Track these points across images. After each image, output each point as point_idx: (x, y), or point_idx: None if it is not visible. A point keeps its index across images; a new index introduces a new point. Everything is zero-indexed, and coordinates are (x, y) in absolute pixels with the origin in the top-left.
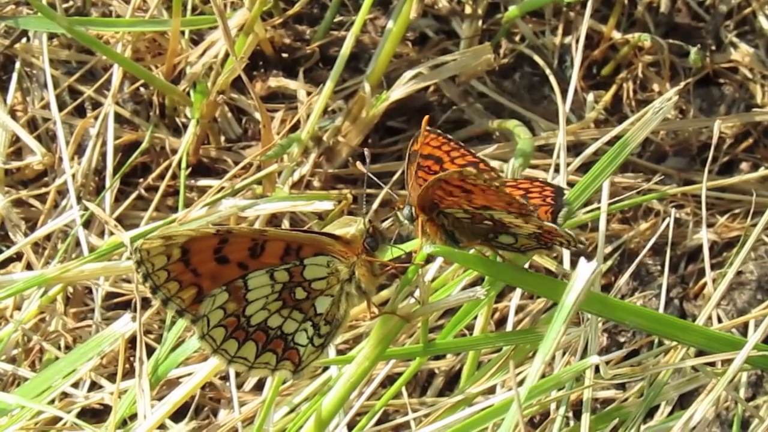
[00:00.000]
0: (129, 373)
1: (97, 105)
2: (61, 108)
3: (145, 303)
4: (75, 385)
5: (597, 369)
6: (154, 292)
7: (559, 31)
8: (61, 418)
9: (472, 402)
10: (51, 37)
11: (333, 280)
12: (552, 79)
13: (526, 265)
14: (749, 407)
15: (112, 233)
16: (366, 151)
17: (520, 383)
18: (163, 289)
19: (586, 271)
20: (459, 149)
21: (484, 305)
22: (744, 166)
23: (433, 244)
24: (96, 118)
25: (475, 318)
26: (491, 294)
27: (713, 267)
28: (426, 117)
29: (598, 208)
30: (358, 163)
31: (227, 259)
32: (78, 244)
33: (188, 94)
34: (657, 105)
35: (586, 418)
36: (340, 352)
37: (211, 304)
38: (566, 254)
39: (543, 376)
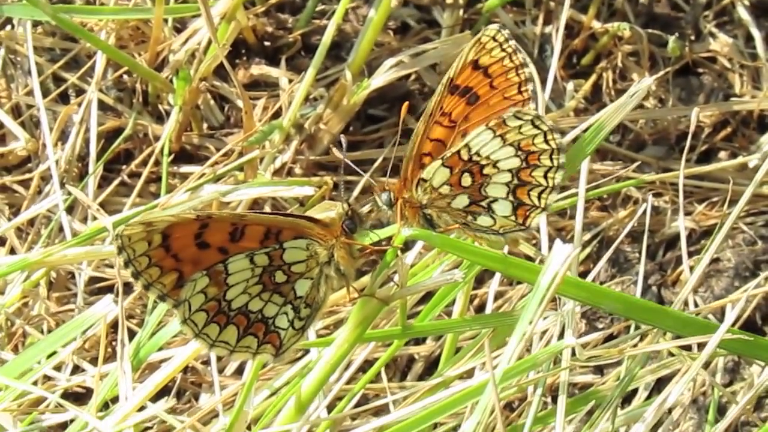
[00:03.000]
0: (111, 357)
1: (80, 92)
2: (44, 95)
3: (128, 288)
4: (57, 369)
5: (574, 352)
6: (136, 277)
7: (540, 20)
8: (43, 401)
9: (450, 385)
10: (35, 24)
11: (312, 263)
12: (532, 68)
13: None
14: (725, 392)
15: (95, 218)
16: (342, 138)
17: (496, 366)
18: (145, 274)
19: (562, 253)
20: (516, 77)
21: (461, 288)
22: (722, 154)
23: (411, 227)
24: (79, 104)
25: (454, 304)
26: (469, 277)
27: (691, 254)
28: (406, 103)
29: (575, 195)
30: (335, 150)
31: (207, 244)
32: (61, 229)
33: (171, 81)
34: (632, 89)
35: (562, 399)
36: (320, 337)
37: (192, 288)
38: (544, 240)
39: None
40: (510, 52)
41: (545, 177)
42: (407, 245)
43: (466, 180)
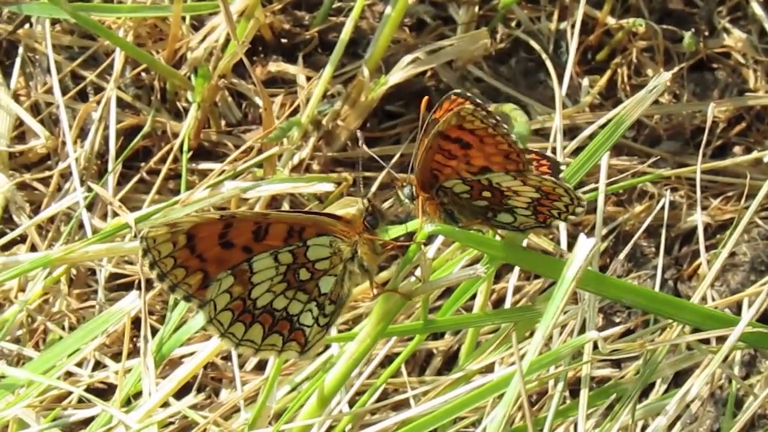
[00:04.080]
0: (132, 354)
1: (99, 90)
2: (63, 92)
3: (149, 283)
4: (79, 365)
5: (595, 345)
6: (162, 279)
7: (555, 16)
8: (65, 397)
9: (470, 379)
10: (54, 22)
11: (336, 259)
12: (548, 63)
13: (524, 245)
14: (744, 384)
15: (114, 215)
16: (359, 133)
17: (523, 356)
18: (170, 275)
19: (585, 246)
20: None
21: (482, 283)
22: (737, 149)
23: (433, 223)
24: (98, 102)
25: (473, 299)
26: (490, 271)
27: (707, 249)
28: (425, 99)
29: (594, 190)
30: (362, 145)
31: (232, 244)
32: (81, 226)
33: (189, 78)
34: (651, 84)
35: (584, 393)
36: (339, 332)
37: (217, 288)
38: (563, 235)
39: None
40: (492, 125)
41: (566, 207)
42: (428, 240)
43: (486, 194)
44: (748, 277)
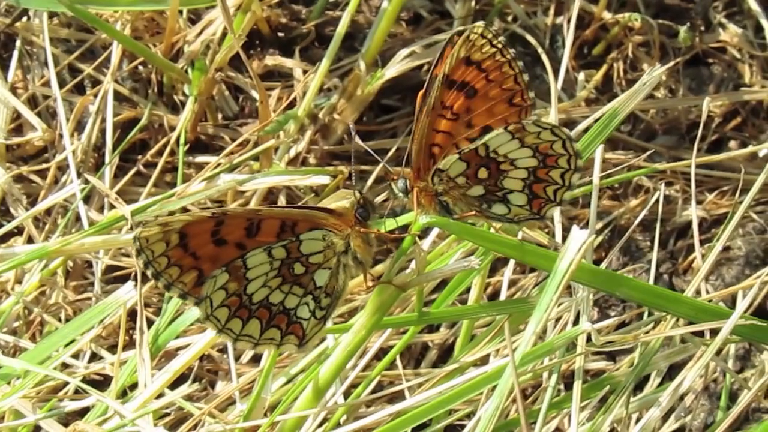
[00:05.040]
0: (128, 345)
1: (96, 83)
2: (61, 85)
3: (145, 276)
4: (75, 356)
5: (589, 338)
6: (157, 278)
7: (551, 11)
8: (61, 388)
9: (465, 371)
10: (51, 15)
11: (329, 253)
12: (544, 58)
13: (519, 238)
14: (737, 377)
15: (111, 208)
16: (351, 126)
17: (516, 347)
18: (165, 274)
19: (578, 238)
20: (511, 69)
21: (477, 275)
22: (732, 144)
23: (427, 215)
24: (95, 95)
25: (468, 292)
26: (485, 263)
27: (702, 243)
28: (421, 92)
29: (589, 183)
30: (355, 138)
31: (225, 241)
32: (78, 218)
33: (186, 71)
34: (645, 77)
35: (578, 386)
36: (335, 325)
37: (212, 285)
38: (558, 229)
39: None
40: (500, 48)
41: (561, 177)
42: (423, 232)
43: (483, 173)
44: (743, 270)
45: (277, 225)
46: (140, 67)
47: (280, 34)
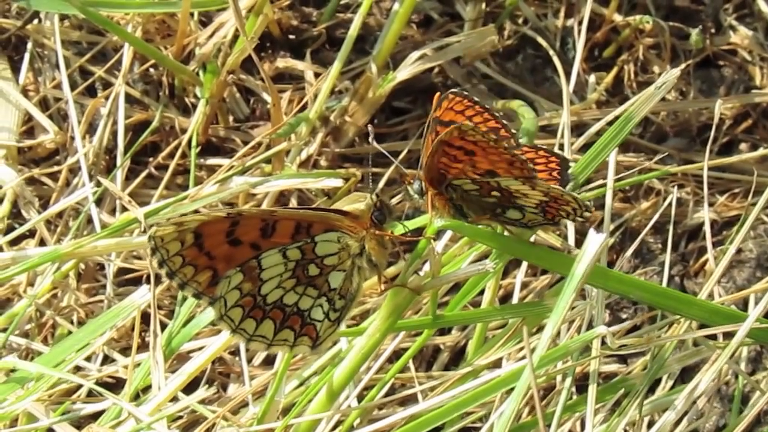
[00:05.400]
0: (141, 348)
1: (107, 85)
2: (72, 88)
3: (158, 278)
4: (88, 359)
5: (603, 341)
6: (171, 277)
7: (562, 13)
8: (74, 391)
9: (478, 375)
10: (62, 17)
11: (344, 255)
12: (555, 60)
13: (532, 241)
14: (750, 380)
15: (123, 210)
16: (369, 127)
17: (534, 349)
18: (179, 274)
19: (596, 242)
20: (483, 113)
21: (491, 278)
22: (743, 146)
23: (442, 218)
24: (107, 97)
25: (481, 294)
26: (499, 267)
27: (713, 245)
28: (437, 94)
29: (602, 186)
30: (372, 140)
31: (239, 241)
32: (90, 221)
33: (197, 74)
34: (660, 81)
35: (592, 389)
36: (348, 328)
37: (226, 285)
38: (571, 231)
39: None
40: (491, 140)
41: (573, 210)
42: (436, 235)
43: (495, 194)
44: (755, 273)
45: (292, 226)
46: (151, 70)
47: (292, 37)
